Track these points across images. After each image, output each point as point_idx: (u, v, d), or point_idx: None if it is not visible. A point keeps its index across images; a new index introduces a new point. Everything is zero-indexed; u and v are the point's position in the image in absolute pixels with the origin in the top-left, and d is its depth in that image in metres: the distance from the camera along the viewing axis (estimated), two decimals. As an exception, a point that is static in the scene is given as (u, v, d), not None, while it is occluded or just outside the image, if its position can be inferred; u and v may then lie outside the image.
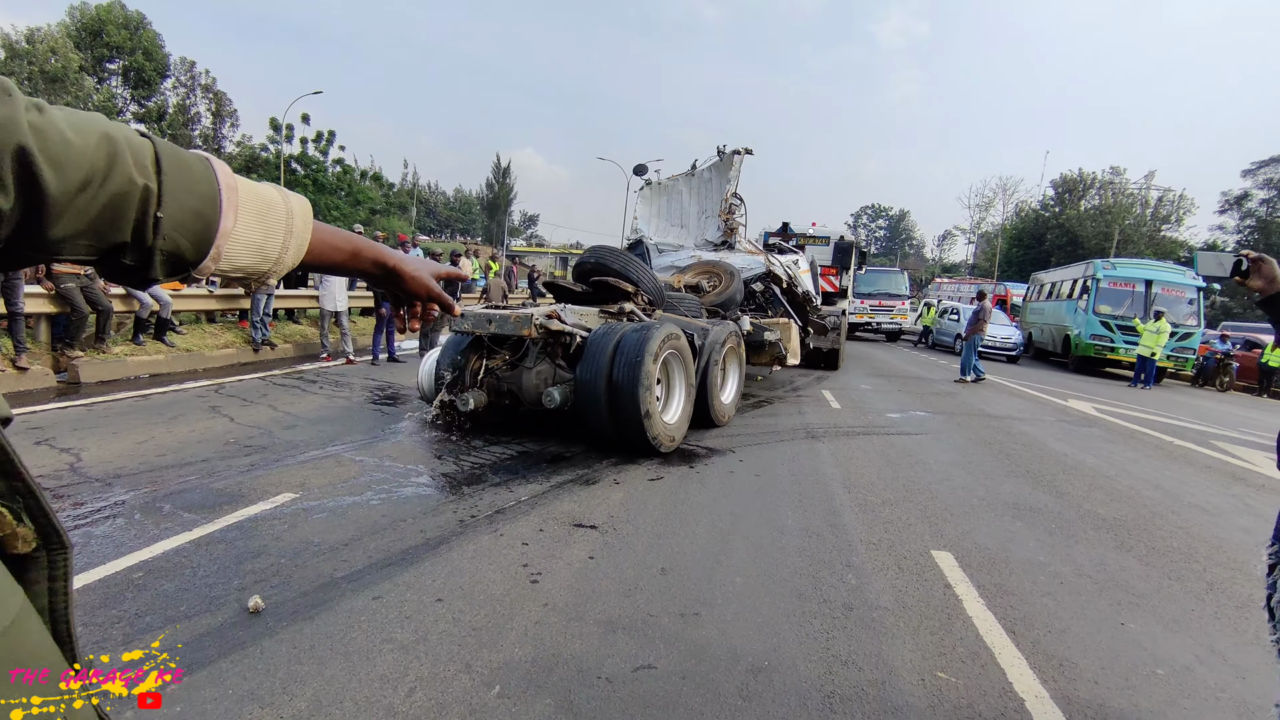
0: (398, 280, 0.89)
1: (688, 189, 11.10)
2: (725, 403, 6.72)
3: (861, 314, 22.56)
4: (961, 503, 4.50)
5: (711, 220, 10.57)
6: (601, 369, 5.08)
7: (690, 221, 11.02)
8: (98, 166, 0.54)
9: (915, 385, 10.95)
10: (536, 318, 5.37)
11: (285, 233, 0.72)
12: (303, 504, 3.73)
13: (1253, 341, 19.31)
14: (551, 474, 4.58)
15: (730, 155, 10.18)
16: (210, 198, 0.64)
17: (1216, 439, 7.78)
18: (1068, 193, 61.20)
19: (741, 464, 5.17)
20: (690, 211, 11.06)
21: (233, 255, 0.67)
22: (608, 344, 5.17)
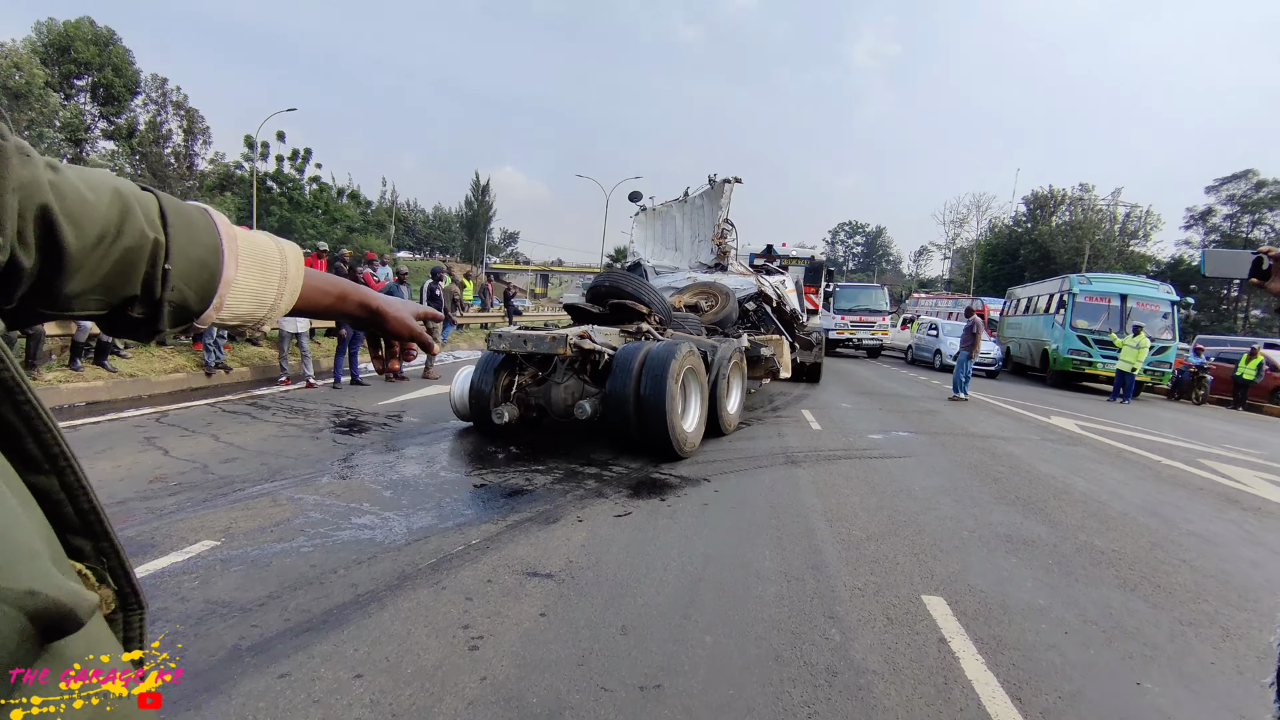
0: (381, 322, 0.91)
1: (680, 214, 11.93)
2: (731, 413, 7.21)
3: (842, 330, 22.33)
4: (950, 536, 4.19)
5: (704, 244, 11.31)
6: (629, 383, 5.58)
7: (684, 245, 11.82)
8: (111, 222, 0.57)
9: (897, 403, 10.73)
10: (571, 338, 5.81)
11: (280, 279, 0.75)
12: (222, 554, 3.31)
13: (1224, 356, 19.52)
14: (509, 511, 4.20)
15: (721, 184, 10.90)
16: (213, 248, 0.67)
17: (1204, 457, 7.60)
18: (1039, 209, 62.41)
19: (716, 495, 4.83)
20: (684, 235, 11.86)
21: (234, 304, 0.70)
22: (634, 360, 5.68)
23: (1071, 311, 16.97)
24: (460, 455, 5.63)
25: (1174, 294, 17.39)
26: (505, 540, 3.69)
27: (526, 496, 4.54)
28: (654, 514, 4.31)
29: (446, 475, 4.98)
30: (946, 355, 18.30)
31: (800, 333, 11.51)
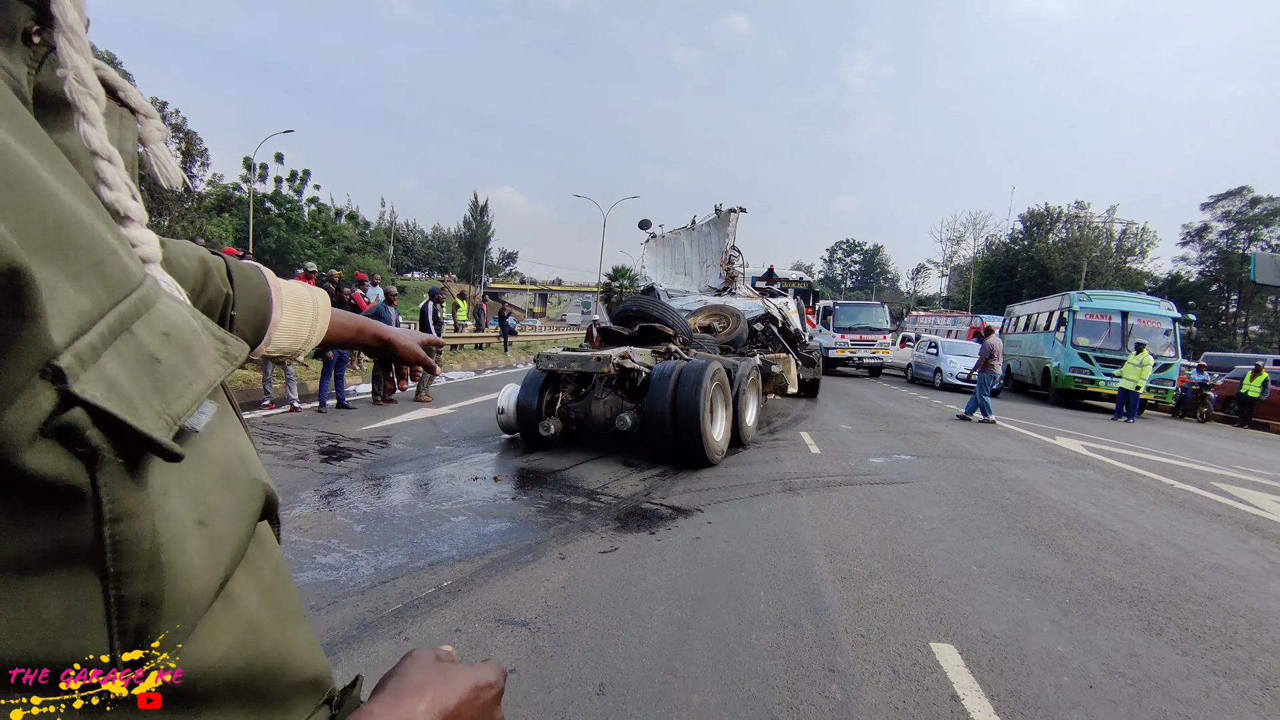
0: (392, 350, 1.06)
1: (689, 241, 12.75)
2: (750, 424, 7.83)
3: (841, 349, 22.00)
4: (959, 571, 3.93)
5: (712, 269, 12.18)
6: (666, 397, 6.23)
7: (693, 270, 12.62)
8: (199, 281, 0.72)
9: (898, 424, 10.47)
10: (614, 357, 6.48)
11: (313, 319, 0.91)
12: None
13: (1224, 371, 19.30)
14: (487, 547, 3.93)
15: (727, 213, 11.77)
16: (265, 296, 0.84)
17: (1217, 480, 7.34)
18: (1036, 226, 62.69)
19: (709, 527, 4.57)
20: (693, 261, 12.67)
21: (278, 340, 0.86)
22: (670, 377, 6.32)
23: (1072, 329, 16.79)
24: (442, 485, 5.37)
25: (1175, 311, 17.23)
26: (479, 581, 3.42)
27: (507, 530, 4.28)
28: (642, 549, 4.04)
29: (424, 507, 4.71)
30: (947, 374, 18.08)
31: (804, 351, 11.93)
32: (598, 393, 6.76)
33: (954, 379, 17.86)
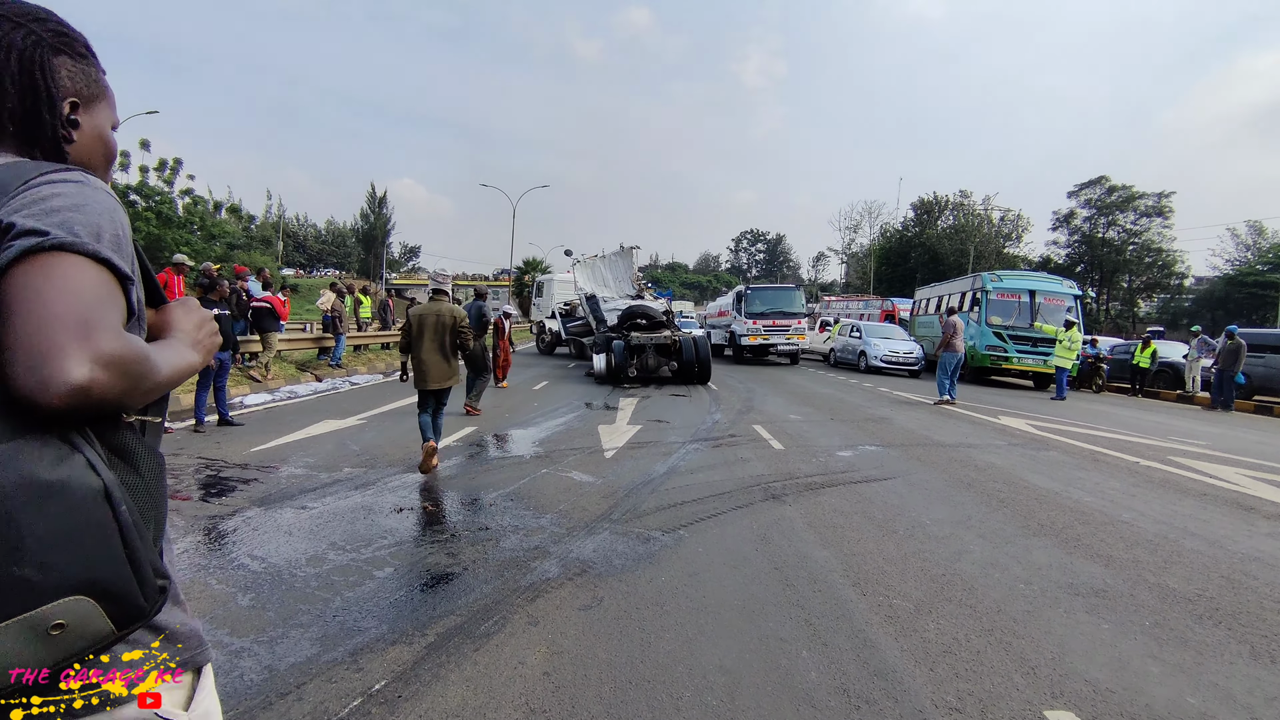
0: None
1: (604, 265, 18.76)
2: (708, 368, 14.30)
3: (755, 335, 20.18)
4: (1009, 593, 3.32)
5: (624, 283, 18.59)
6: (690, 352, 13.82)
7: (610, 284, 18.40)
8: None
9: (844, 411, 10.09)
10: (675, 336, 14.16)
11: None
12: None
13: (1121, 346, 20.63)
14: (430, 616, 2.92)
15: (629, 249, 19.28)
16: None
17: (1170, 454, 7.33)
18: (926, 214, 66.25)
19: (703, 555, 3.75)
20: (608, 277, 18.55)
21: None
22: (689, 342, 14.01)
23: (986, 308, 17.27)
24: (358, 523, 4.25)
25: (1076, 289, 18.13)
26: (426, 678, 2.43)
27: (453, 586, 3.28)
28: (632, 599, 3.17)
29: (336, 559, 3.61)
30: (872, 357, 18.21)
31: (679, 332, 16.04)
32: (649, 355, 13.80)
33: (879, 362, 18.00)
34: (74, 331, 0.65)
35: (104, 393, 0.66)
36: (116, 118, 0.99)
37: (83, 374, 0.64)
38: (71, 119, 0.88)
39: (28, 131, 0.84)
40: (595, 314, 16.18)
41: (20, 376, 0.64)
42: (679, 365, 13.99)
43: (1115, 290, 58.90)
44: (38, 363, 0.63)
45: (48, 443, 0.66)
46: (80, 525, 0.64)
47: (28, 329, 0.65)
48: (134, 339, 0.71)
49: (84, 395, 0.65)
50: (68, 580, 0.62)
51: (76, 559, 0.63)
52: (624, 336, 14.14)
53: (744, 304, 20.64)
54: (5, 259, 0.67)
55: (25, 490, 0.62)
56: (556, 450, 6.70)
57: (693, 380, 13.78)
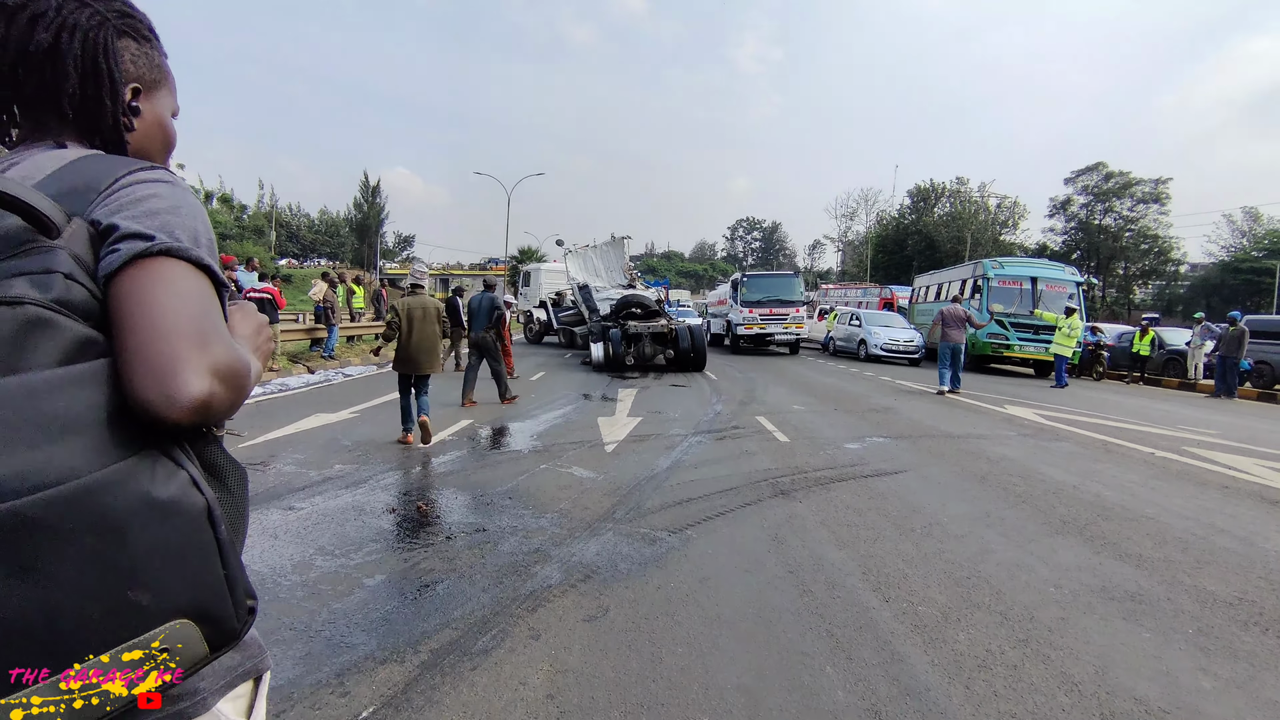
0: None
1: (595, 254, 18.74)
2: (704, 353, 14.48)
3: (751, 324, 19.23)
4: (1038, 596, 3.13)
5: (615, 273, 18.54)
6: (686, 340, 13.92)
7: (601, 273, 18.37)
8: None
9: (848, 402, 9.91)
10: (671, 324, 14.33)
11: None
12: None
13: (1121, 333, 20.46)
14: (421, 632, 2.71)
15: (620, 239, 19.06)
16: None
17: (1184, 444, 7.16)
18: (922, 201, 65.97)
19: (711, 558, 3.56)
20: (600, 267, 18.48)
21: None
22: (685, 330, 14.03)
23: (987, 296, 17.10)
24: (347, 525, 4.04)
25: (1078, 275, 17.95)
26: (418, 702, 2.22)
27: (448, 595, 3.07)
28: (640, 607, 2.96)
29: (324, 565, 3.40)
30: (872, 345, 18.03)
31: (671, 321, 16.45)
32: (646, 343, 14.05)
33: (879, 350, 17.83)
34: (193, 342, 0.64)
35: (219, 405, 0.65)
36: (177, 104, 0.95)
37: (204, 387, 0.63)
38: (133, 105, 0.85)
39: (88, 118, 0.81)
40: (588, 303, 16.34)
41: (144, 389, 0.61)
42: (675, 353, 14.30)
43: (1111, 277, 58.81)
44: (162, 376, 0.62)
45: (158, 459, 0.63)
46: (187, 546, 0.63)
47: (148, 339, 0.62)
48: (240, 348, 0.70)
49: (205, 409, 0.63)
50: (175, 604, 0.61)
51: (183, 581, 0.62)
52: (620, 325, 14.32)
53: (740, 292, 19.71)
54: (116, 263, 0.65)
55: (140, 510, 0.60)
56: (556, 444, 6.49)
57: (688, 367, 14.16)
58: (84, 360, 0.62)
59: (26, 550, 0.53)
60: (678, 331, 14.23)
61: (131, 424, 0.62)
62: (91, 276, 0.66)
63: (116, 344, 0.64)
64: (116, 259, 0.65)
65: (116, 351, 0.63)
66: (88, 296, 0.65)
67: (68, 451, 0.57)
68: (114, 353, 0.64)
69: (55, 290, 0.62)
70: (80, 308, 0.64)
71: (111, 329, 0.64)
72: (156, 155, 0.91)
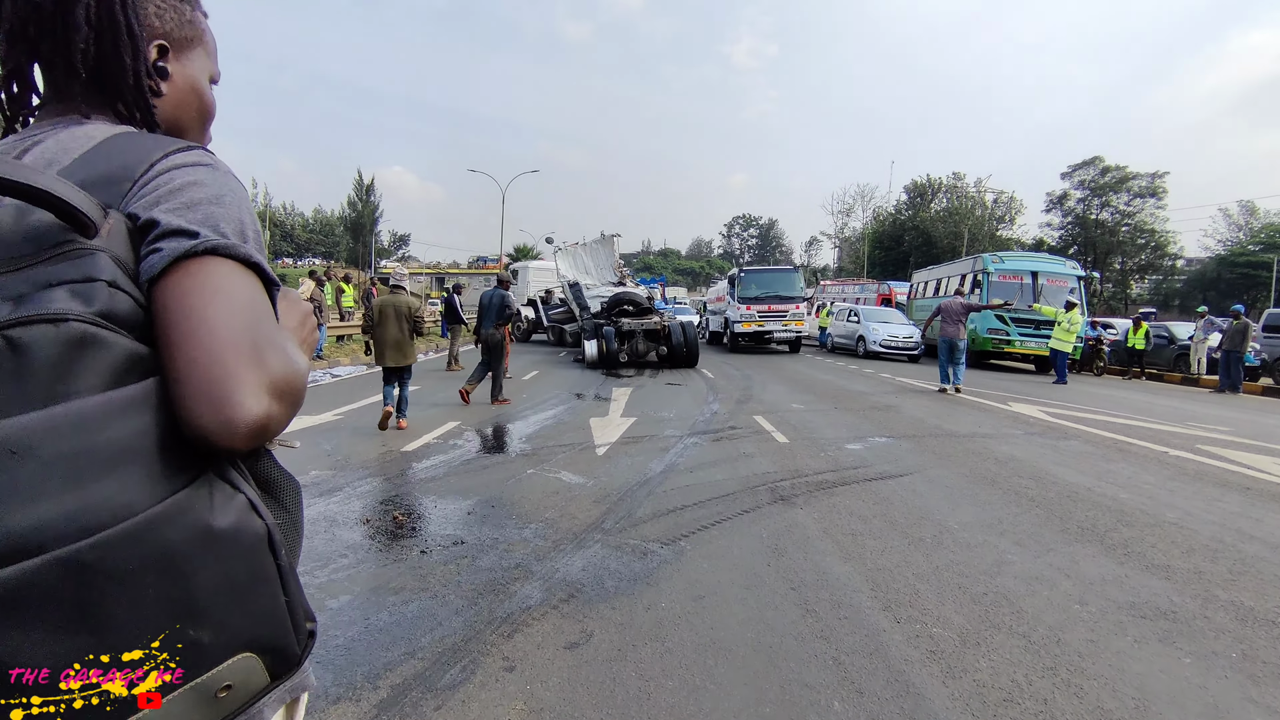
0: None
1: (584, 252, 18.78)
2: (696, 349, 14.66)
3: (749, 322, 18.40)
4: (1065, 616, 2.87)
5: (606, 270, 18.43)
6: (678, 336, 14.12)
7: (591, 270, 18.32)
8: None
9: (848, 400, 9.65)
10: (664, 321, 14.47)
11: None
12: None
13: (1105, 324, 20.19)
14: (385, 662, 2.44)
15: (610, 237, 19.05)
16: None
17: (1198, 442, 6.92)
18: (919, 197, 65.79)
19: (708, 573, 3.29)
20: (590, 264, 18.50)
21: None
22: (678, 327, 14.33)
23: (988, 290, 16.84)
24: (318, 538, 3.76)
25: (1079, 269, 17.71)
26: (373, 751, 1.95)
27: (417, 618, 2.80)
28: (628, 632, 2.69)
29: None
30: (871, 342, 17.78)
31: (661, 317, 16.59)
32: (639, 340, 14.18)
33: (878, 347, 17.58)
34: (248, 357, 0.57)
35: (278, 424, 0.59)
36: (217, 69, 0.86)
37: (261, 408, 0.57)
38: (160, 66, 0.77)
39: (104, 80, 0.73)
40: (578, 301, 16.20)
41: (199, 415, 0.55)
42: (668, 350, 14.40)
43: (1109, 272, 58.74)
44: (217, 400, 0.55)
45: (215, 484, 0.57)
46: (248, 577, 0.58)
47: (199, 357, 0.56)
48: (296, 354, 0.63)
49: (264, 432, 0.57)
50: (238, 638, 0.57)
51: (245, 614, 0.58)
52: (614, 323, 14.40)
53: (737, 288, 18.99)
54: (159, 265, 0.58)
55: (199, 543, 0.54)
56: (545, 447, 6.22)
57: (681, 364, 14.28)
58: (133, 380, 0.56)
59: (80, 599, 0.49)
60: (670, 329, 14.42)
61: (186, 448, 0.56)
62: (134, 281, 0.59)
63: (165, 361, 0.57)
64: (159, 261, 0.59)
65: (165, 370, 0.57)
66: (133, 306, 0.58)
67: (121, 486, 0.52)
68: (162, 370, 0.57)
69: (99, 302, 0.55)
70: (126, 320, 0.57)
71: (158, 341, 0.58)
72: (193, 127, 0.83)
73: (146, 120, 0.75)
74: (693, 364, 14.34)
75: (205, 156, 0.69)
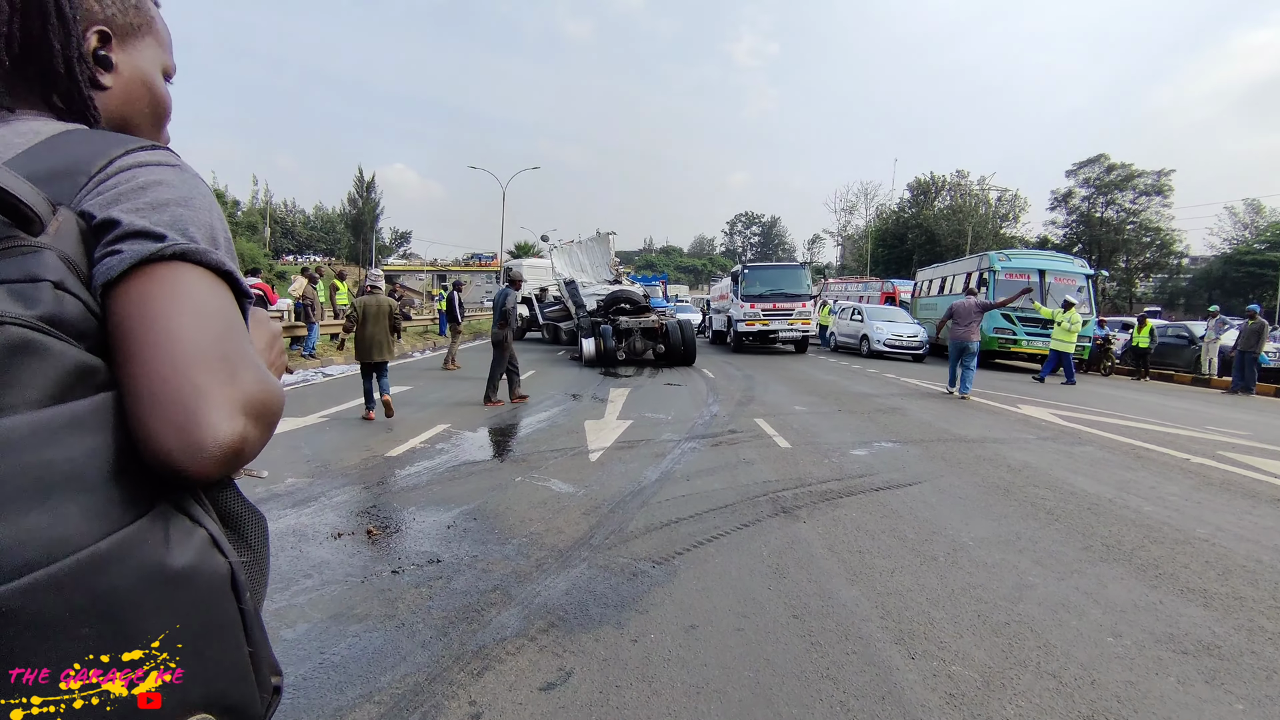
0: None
1: (580, 250, 18.74)
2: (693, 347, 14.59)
3: (753, 320, 17.58)
4: (1099, 651, 2.58)
5: (601, 268, 18.38)
6: (676, 335, 14.13)
7: (587, 268, 18.22)
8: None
9: (853, 401, 9.36)
10: (662, 319, 14.36)
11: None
12: None
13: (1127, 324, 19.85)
14: (336, 709, 2.16)
15: (605, 235, 19.07)
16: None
17: (1218, 448, 6.62)
18: (922, 195, 65.35)
19: (701, 597, 3.01)
20: (585, 263, 18.38)
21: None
22: (675, 325, 14.26)
23: (994, 289, 16.51)
24: (284, 555, 3.50)
25: (1088, 268, 17.38)
26: (307, 825, 1.68)
27: (377, 650, 2.52)
28: (612, 670, 2.42)
29: (238, 611, 2.85)
30: (875, 341, 17.47)
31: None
32: (637, 338, 14.04)
33: (882, 346, 17.28)
34: (219, 372, 0.51)
35: (251, 448, 0.53)
36: (171, 62, 0.77)
37: (235, 430, 0.51)
38: (101, 55, 0.68)
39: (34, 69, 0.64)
40: (574, 299, 16.10)
41: (161, 437, 0.48)
42: (665, 348, 14.39)
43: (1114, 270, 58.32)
44: (183, 419, 0.49)
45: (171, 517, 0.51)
46: (205, 625, 0.51)
47: (163, 371, 0.49)
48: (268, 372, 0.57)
49: (236, 456, 0.51)
50: (190, 698, 0.50)
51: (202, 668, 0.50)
52: (611, 321, 14.36)
53: (741, 285, 18.24)
54: (118, 268, 0.52)
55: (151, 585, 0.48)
56: (535, 452, 5.94)
57: (678, 362, 14.29)
58: (81, 395, 0.48)
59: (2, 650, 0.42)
60: (668, 327, 14.39)
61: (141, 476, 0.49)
62: (86, 285, 0.52)
63: (122, 375, 0.50)
64: (119, 263, 0.52)
65: (122, 385, 0.50)
66: (83, 311, 0.51)
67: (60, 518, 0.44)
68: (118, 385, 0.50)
69: (43, 305, 0.48)
70: (75, 326, 0.50)
71: (114, 354, 0.51)
72: (144, 125, 0.75)
73: (86, 114, 0.67)
74: (690, 362, 14.27)
75: (171, 157, 0.63)
